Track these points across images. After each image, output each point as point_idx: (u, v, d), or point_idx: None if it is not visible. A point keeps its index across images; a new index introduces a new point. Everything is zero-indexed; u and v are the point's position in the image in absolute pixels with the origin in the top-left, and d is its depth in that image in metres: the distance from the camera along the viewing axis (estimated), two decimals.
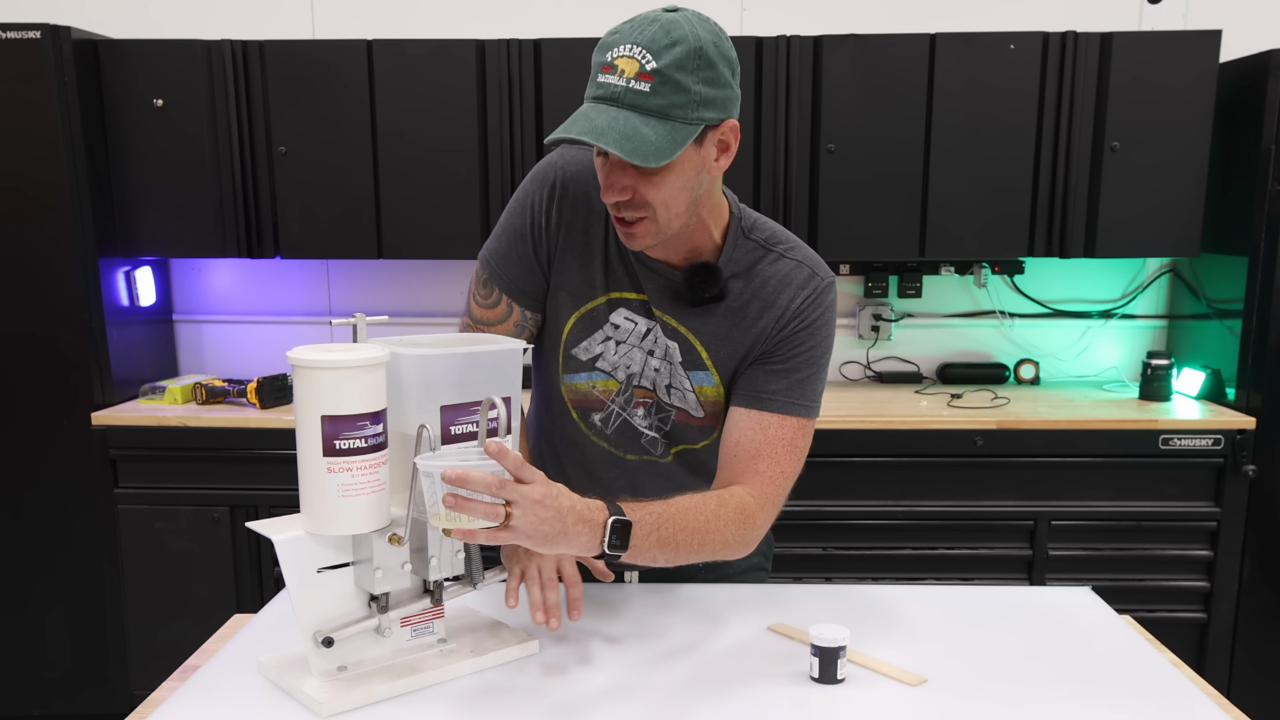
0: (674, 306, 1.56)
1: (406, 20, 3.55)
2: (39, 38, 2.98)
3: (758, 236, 1.57)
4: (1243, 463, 3.03)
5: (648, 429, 1.62)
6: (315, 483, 1.28)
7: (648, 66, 1.32)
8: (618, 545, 1.28)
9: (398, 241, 3.27)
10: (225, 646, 1.51)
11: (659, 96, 1.33)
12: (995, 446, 3.06)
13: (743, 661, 1.45)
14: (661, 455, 1.64)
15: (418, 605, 1.43)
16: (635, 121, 1.32)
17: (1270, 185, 3.01)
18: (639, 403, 1.60)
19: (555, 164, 1.57)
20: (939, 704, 1.33)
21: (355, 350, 1.28)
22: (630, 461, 1.64)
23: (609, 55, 1.35)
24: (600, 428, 1.63)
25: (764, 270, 1.55)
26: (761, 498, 1.49)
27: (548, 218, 1.56)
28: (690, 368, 1.57)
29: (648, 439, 1.62)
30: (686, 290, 1.53)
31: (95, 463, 3.15)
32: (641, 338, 1.57)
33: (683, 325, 1.56)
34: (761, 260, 1.56)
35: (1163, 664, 1.47)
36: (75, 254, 3.09)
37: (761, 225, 1.59)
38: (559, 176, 1.56)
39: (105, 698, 3.27)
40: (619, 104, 1.34)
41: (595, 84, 1.37)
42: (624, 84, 1.33)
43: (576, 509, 1.24)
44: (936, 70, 3.12)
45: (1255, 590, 3.12)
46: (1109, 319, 3.67)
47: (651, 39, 1.33)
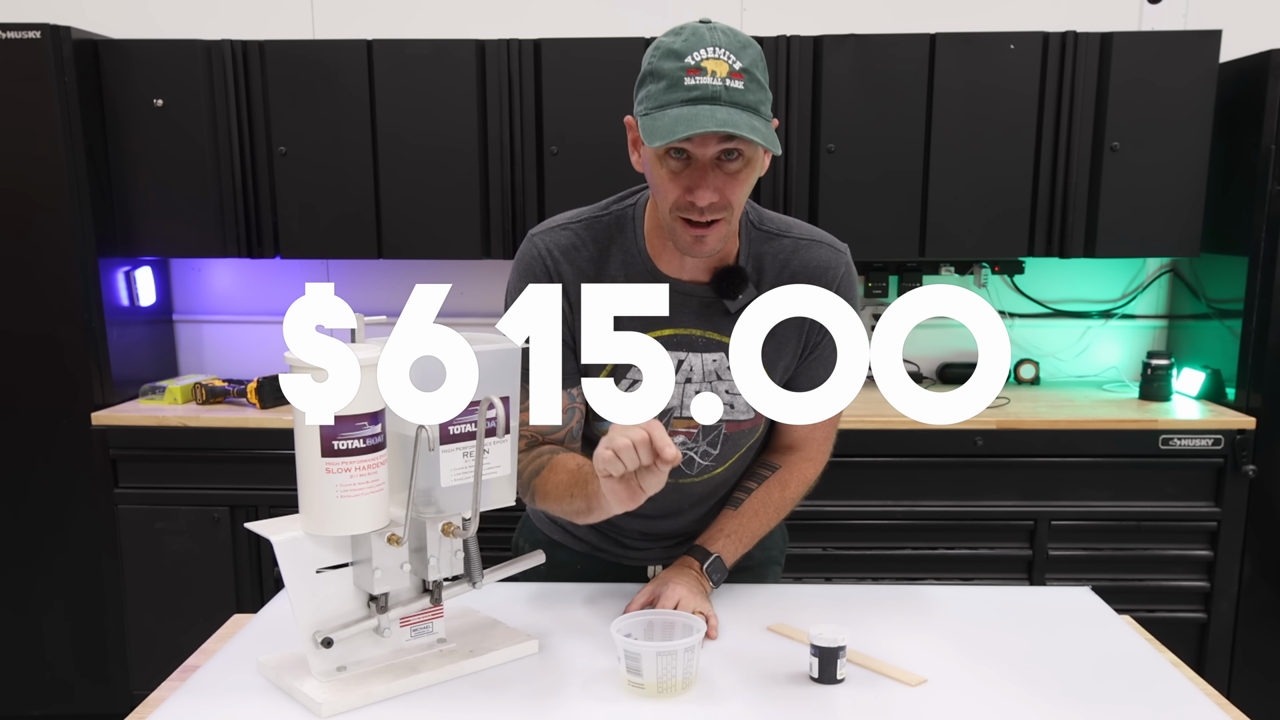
0: (713, 319, 1.59)
1: (407, 20, 3.55)
2: (39, 38, 2.98)
3: (770, 227, 1.62)
4: (1243, 463, 3.03)
5: (687, 452, 1.65)
6: (314, 483, 1.28)
7: (735, 66, 1.37)
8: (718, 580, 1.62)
9: (397, 241, 3.27)
10: (225, 646, 1.51)
11: (751, 94, 1.38)
12: (995, 446, 3.06)
13: (742, 661, 1.45)
14: (697, 475, 1.68)
15: (417, 605, 1.43)
16: (746, 116, 1.36)
17: (1270, 185, 3.01)
18: (676, 433, 1.63)
19: (541, 254, 1.59)
20: (939, 704, 1.33)
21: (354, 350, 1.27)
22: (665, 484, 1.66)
23: (692, 59, 1.37)
24: None
25: (790, 261, 1.61)
26: (820, 458, 1.75)
27: (566, 302, 1.57)
28: None
29: (685, 460, 1.65)
30: (716, 296, 1.57)
31: (95, 462, 3.15)
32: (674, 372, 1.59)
33: (725, 335, 1.58)
34: (782, 250, 1.61)
35: (1163, 664, 1.46)
36: (75, 254, 3.09)
37: (768, 215, 1.64)
38: (550, 266, 1.58)
39: (105, 697, 3.27)
40: (719, 102, 1.36)
41: (684, 88, 1.36)
42: (720, 83, 1.36)
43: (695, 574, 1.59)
44: (937, 70, 3.12)
45: (1255, 590, 3.12)
46: (1109, 319, 3.67)
47: (727, 42, 1.38)
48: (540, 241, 1.60)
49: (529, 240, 1.61)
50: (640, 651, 1.31)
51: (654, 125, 1.37)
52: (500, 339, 1.42)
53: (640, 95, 1.43)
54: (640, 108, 1.42)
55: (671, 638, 1.38)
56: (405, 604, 1.41)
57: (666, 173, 1.42)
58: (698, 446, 1.65)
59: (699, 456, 1.66)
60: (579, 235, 1.59)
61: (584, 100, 3.14)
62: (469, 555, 1.43)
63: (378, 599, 1.38)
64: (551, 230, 1.60)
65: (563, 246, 1.59)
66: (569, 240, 1.59)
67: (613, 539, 1.77)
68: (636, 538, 1.76)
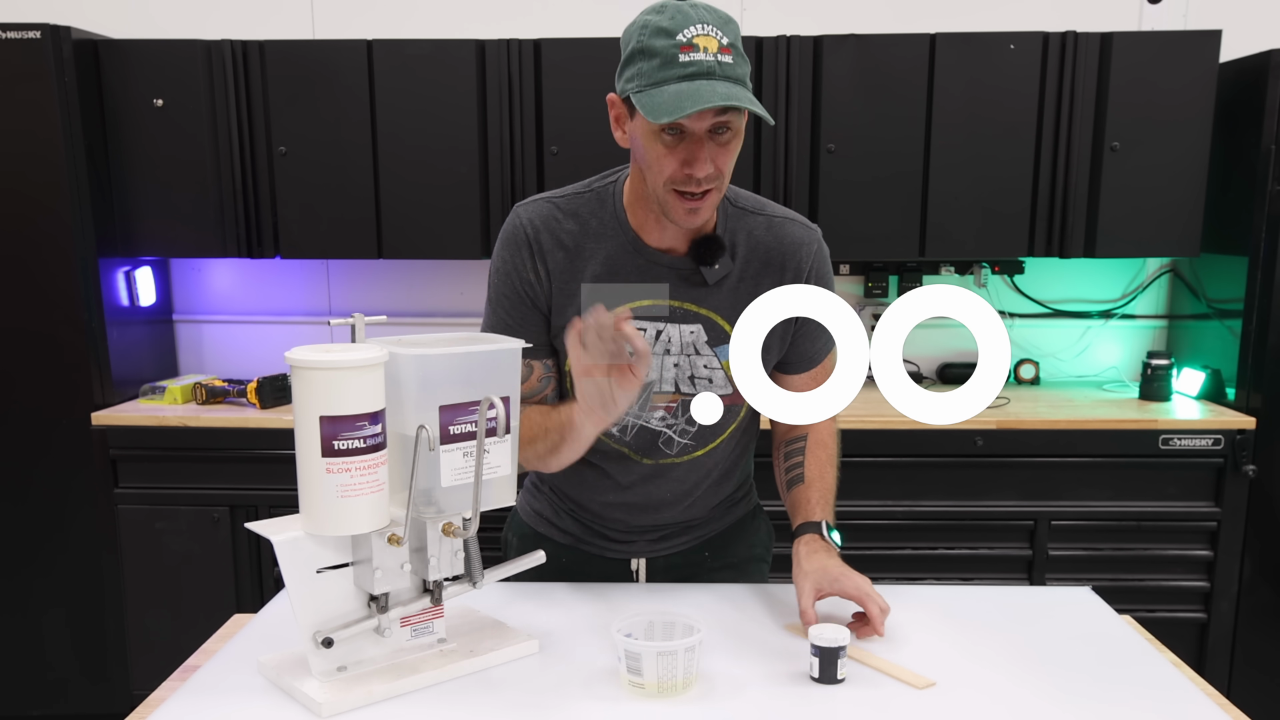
0: (690, 291, 1.62)
1: (406, 20, 3.55)
2: (39, 38, 2.98)
3: (744, 205, 1.67)
4: (1243, 462, 3.03)
5: (666, 429, 1.66)
6: (314, 483, 1.28)
7: (724, 41, 1.41)
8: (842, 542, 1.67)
9: (397, 242, 3.27)
10: (225, 646, 1.51)
11: (739, 67, 1.43)
12: (995, 446, 3.06)
13: (743, 661, 1.45)
14: (677, 455, 1.69)
15: (417, 605, 1.42)
16: (739, 89, 1.41)
17: (1270, 185, 3.01)
18: (656, 407, 1.65)
19: (522, 224, 1.63)
20: (938, 704, 1.33)
21: (354, 350, 1.27)
22: (646, 465, 1.69)
23: (684, 36, 1.40)
24: (619, 436, 1.68)
25: (763, 237, 1.65)
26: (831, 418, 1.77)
27: (537, 275, 1.62)
28: (716, 343, 1.63)
29: (664, 438, 1.67)
30: (693, 260, 1.60)
31: (95, 463, 3.15)
32: (653, 343, 1.62)
33: (703, 307, 1.62)
34: (756, 227, 1.65)
35: (1163, 664, 1.46)
36: (75, 254, 3.09)
37: (741, 193, 1.68)
38: (530, 235, 1.62)
39: (105, 697, 3.27)
40: (715, 77, 1.40)
41: (679, 64, 1.40)
42: (713, 59, 1.40)
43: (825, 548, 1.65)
44: (936, 70, 3.11)
45: (1255, 590, 3.12)
46: (1109, 319, 3.67)
47: (713, 19, 1.42)
48: (522, 213, 1.65)
49: (513, 212, 1.66)
50: (641, 651, 1.32)
51: (654, 102, 1.39)
52: (500, 339, 1.43)
53: (629, 73, 1.45)
54: (632, 85, 1.45)
55: (672, 638, 1.38)
56: (405, 604, 1.41)
57: (661, 148, 1.46)
58: (677, 424, 1.66)
59: (678, 435, 1.67)
60: (560, 208, 1.64)
61: (584, 100, 3.14)
62: (469, 555, 1.43)
63: (378, 599, 1.38)
64: (535, 203, 1.65)
65: (544, 217, 1.63)
66: (549, 212, 1.63)
67: (597, 531, 1.77)
68: (621, 529, 1.76)
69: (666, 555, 1.79)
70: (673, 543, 1.79)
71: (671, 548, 1.79)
